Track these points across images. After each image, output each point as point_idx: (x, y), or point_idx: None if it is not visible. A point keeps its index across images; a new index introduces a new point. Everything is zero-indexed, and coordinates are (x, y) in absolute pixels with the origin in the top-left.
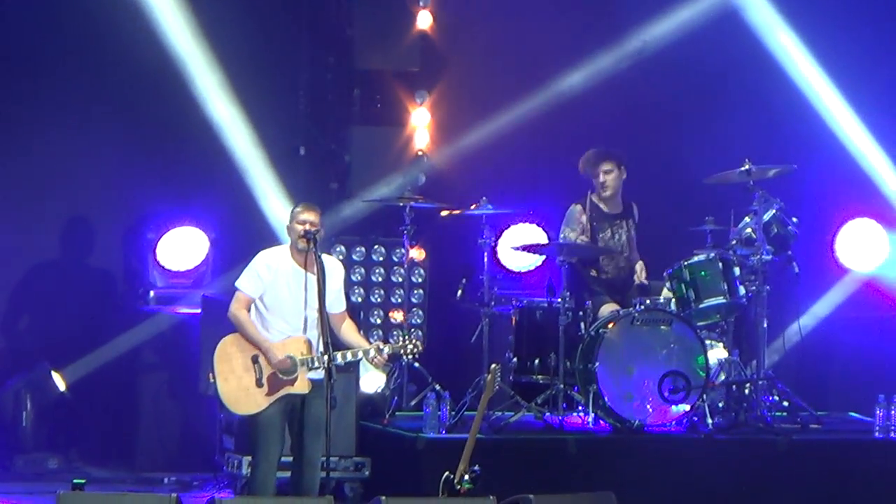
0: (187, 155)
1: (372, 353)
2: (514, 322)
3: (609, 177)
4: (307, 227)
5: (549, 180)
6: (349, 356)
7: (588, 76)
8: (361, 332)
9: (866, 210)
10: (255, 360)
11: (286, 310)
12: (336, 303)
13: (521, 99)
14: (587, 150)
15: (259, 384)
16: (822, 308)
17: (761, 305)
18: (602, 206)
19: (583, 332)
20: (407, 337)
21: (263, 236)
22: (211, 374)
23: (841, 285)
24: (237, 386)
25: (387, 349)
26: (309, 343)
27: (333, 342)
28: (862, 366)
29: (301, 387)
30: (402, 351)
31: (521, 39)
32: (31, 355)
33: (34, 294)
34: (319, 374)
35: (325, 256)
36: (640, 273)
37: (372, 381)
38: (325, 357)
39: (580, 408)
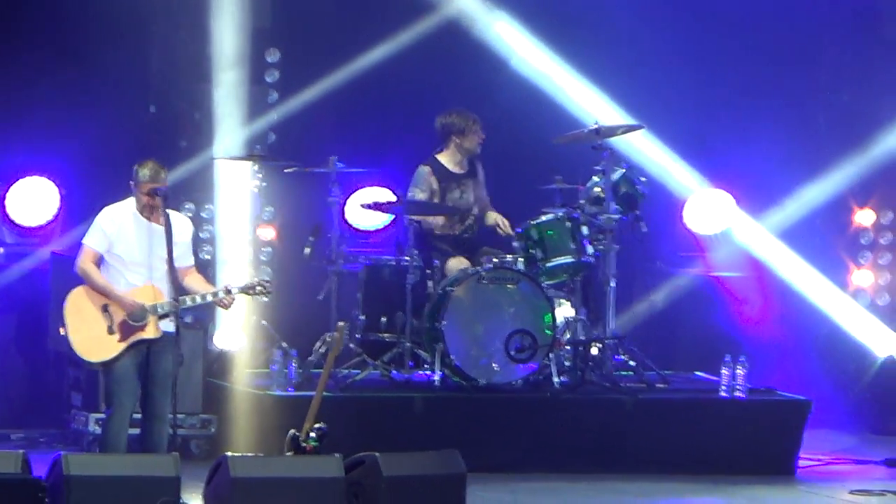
0: (40, 108)
1: (221, 294)
2: (361, 280)
3: (483, 136)
4: (154, 184)
5: (398, 140)
6: (198, 299)
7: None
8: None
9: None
10: (104, 308)
11: (134, 262)
12: (184, 257)
13: (371, 58)
14: (438, 109)
15: (110, 331)
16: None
17: (609, 265)
18: (449, 165)
19: (430, 290)
20: (255, 277)
21: (114, 193)
22: (62, 328)
23: (687, 247)
24: (89, 335)
25: (235, 289)
26: (158, 291)
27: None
28: (708, 326)
29: (151, 332)
30: (250, 290)
31: None
32: None
33: None
34: (170, 326)
35: (172, 212)
36: (503, 227)
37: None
38: (174, 303)
39: (427, 366)
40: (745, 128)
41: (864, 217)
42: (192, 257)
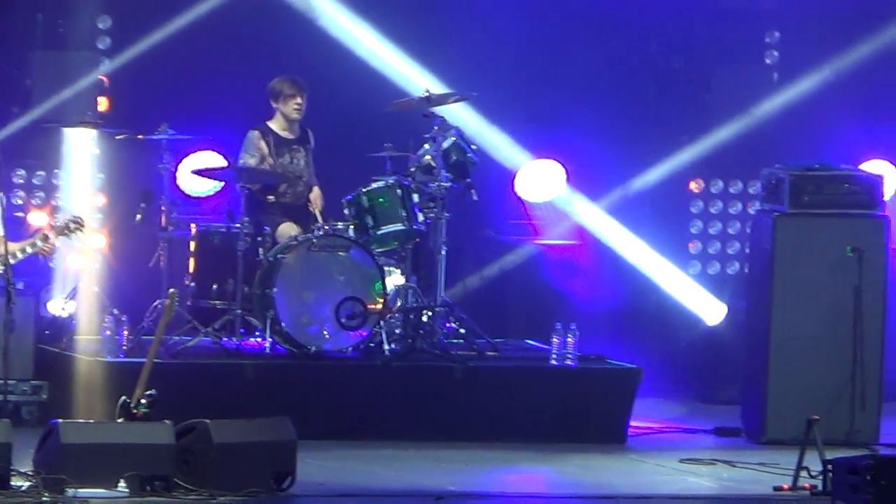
0: None
1: (38, 242)
2: (192, 247)
3: (303, 102)
4: None
5: (229, 106)
6: (18, 254)
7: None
8: None
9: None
10: None
11: None
12: None
13: (203, 24)
14: (269, 76)
15: None
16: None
17: (440, 232)
18: (280, 131)
19: (261, 257)
20: (69, 216)
21: None
22: None
23: (518, 216)
24: None
25: (52, 234)
26: None
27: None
28: (539, 294)
29: None
30: (65, 230)
31: None
32: None
33: None
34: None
35: None
36: (315, 202)
37: None
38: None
39: (258, 333)
40: (578, 98)
41: (696, 187)
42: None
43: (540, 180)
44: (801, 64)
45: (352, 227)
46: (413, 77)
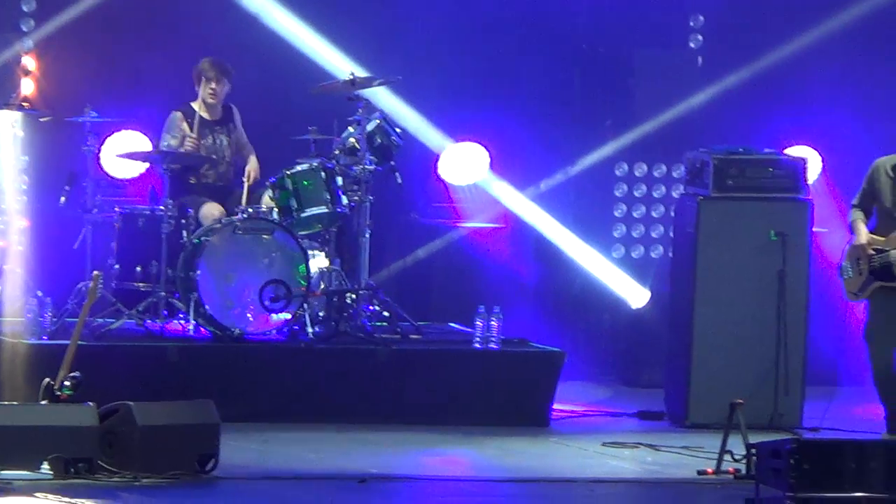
0: None
1: None
2: (116, 229)
3: (219, 87)
4: None
5: (154, 87)
6: None
7: None
8: None
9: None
10: None
11: None
12: None
13: (127, 5)
14: (194, 58)
15: None
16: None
17: (364, 215)
18: (203, 112)
19: (185, 239)
20: None
21: None
22: None
23: (442, 199)
24: None
25: None
26: None
27: None
28: (462, 277)
29: None
30: None
31: None
32: None
33: None
34: None
35: None
36: (248, 174)
37: None
38: None
39: (181, 315)
40: (502, 82)
41: (620, 170)
42: None
43: (463, 163)
44: (726, 48)
45: (276, 209)
46: (338, 60)
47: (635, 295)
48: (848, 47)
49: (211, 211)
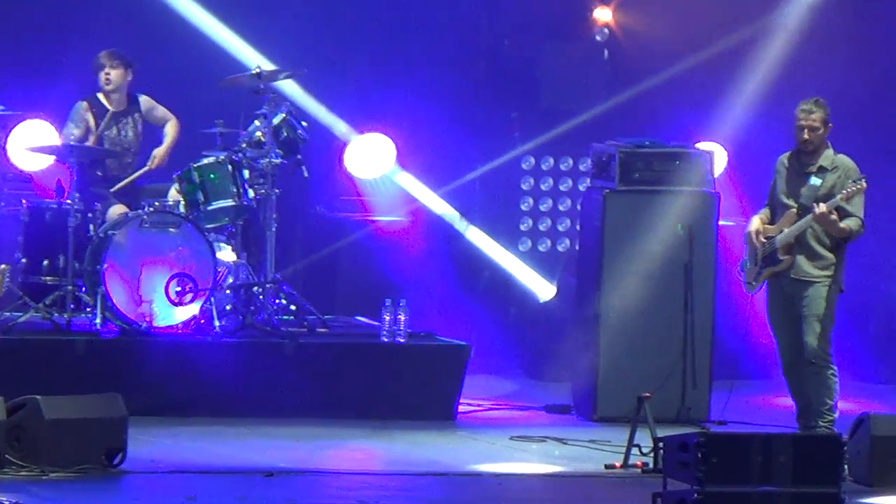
0: None
1: None
2: (23, 223)
3: (114, 72)
4: None
5: (60, 79)
6: None
7: None
8: None
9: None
10: None
11: None
12: None
13: None
14: (100, 49)
15: None
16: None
17: (270, 209)
18: (105, 102)
19: (92, 233)
20: None
21: None
22: None
23: (348, 192)
24: None
25: None
26: None
27: None
28: (369, 271)
29: None
30: None
31: None
32: None
33: None
34: None
35: None
36: (153, 158)
37: None
38: None
39: (88, 309)
40: (408, 75)
41: (527, 164)
42: None
43: (369, 156)
44: (632, 42)
45: (182, 202)
46: (245, 53)
47: (542, 288)
48: (752, 46)
49: (116, 212)
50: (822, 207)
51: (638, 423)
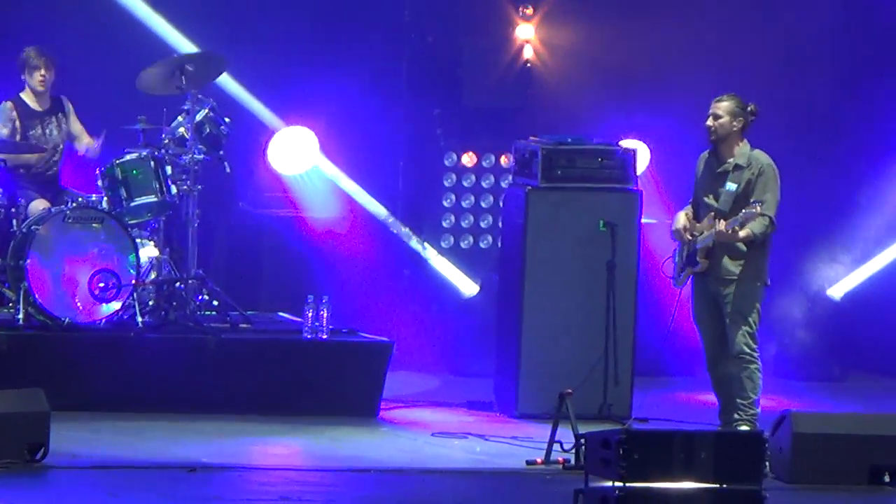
0: None
1: None
2: None
3: (48, 74)
4: None
5: None
6: None
7: None
8: None
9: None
10: None
11: None
12: None
13: None
14: (19, 47)
15: None
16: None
17: (193, 204)
18: (29, 102)
19: (14, 228)
20: None
21: None
22: None
23: (272, 187)
24: None
25: None
26: None
27: None
28: (292, 266)
29: None
30: None
31: None
32: None
33: None
34: None
35: None
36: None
37: None
38: None
39: (11, 304)
40: (331, 68)
41: (449, 160)
42: None
43: (292, 151)
44: (555, 40)
45: (105, 198)
46: (167, 49)
47: (465, 285)
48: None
49: (39, 207)
50: (720, 225)
51: (560, 419)
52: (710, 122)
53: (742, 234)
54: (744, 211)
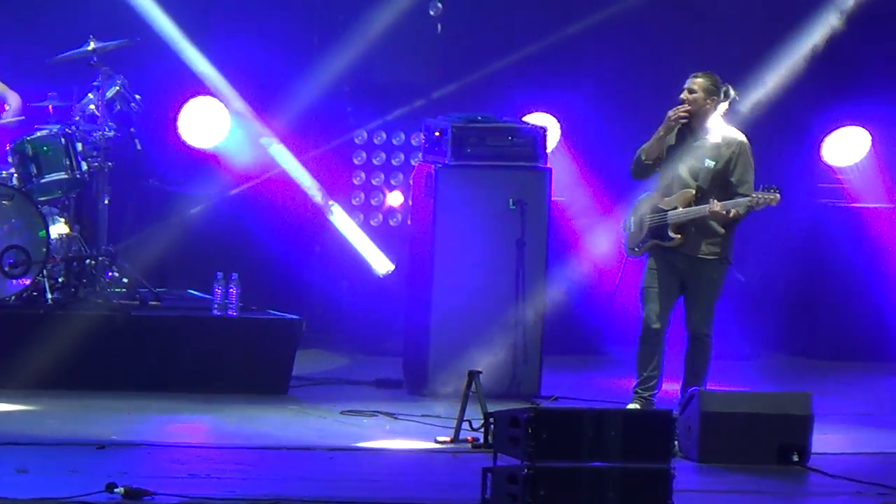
0: None
1: None
2: None
3: None
4: None
5: None
6: None
7: None
8: None
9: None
10: None
11: None
12: None
13: None
14: None
15: None
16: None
17: (104, 181)
18: None
19: None
20: None
21: None
22: None
23: (186, 164)
24: None
25: None
26: None
27: None
28: (201, 244)
29: None
30: None
31: None
32: None
33: None
34: None
35: None
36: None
37: None
38: None
39: None
40: (241, 35)
41: (359, 138)
42: None
43: (203, 123)
44: (467, 16)
45: (15, 175)
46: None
47: (374, 262)
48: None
49: None
50: (716, 206)
51: (468, 398)
52: (684, 94)
53: (731, 215)
54: (755, 194)
